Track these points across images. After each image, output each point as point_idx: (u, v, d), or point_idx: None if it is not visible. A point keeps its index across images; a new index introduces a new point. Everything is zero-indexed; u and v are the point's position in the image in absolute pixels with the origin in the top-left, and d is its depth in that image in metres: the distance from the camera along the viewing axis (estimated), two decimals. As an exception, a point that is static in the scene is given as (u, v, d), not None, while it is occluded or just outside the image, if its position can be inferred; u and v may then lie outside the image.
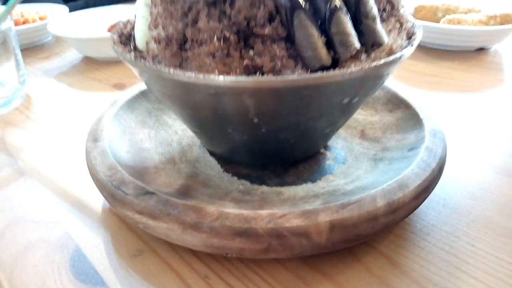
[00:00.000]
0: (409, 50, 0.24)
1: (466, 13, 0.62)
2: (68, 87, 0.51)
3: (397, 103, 0.35)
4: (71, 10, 0.73)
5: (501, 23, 0.57)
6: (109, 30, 0.63)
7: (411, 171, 0.25)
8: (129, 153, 0.31)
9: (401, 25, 0.26)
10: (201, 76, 0.21)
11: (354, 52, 0.22)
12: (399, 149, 0.30)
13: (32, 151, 0.37)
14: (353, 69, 0.21)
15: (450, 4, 0.65)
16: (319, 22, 0.22)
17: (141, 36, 0.27)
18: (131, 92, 0.37)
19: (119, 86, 0.51)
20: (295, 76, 0.21)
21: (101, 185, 0.26)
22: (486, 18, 0.56)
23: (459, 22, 0.55)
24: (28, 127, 0.41)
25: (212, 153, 0.32)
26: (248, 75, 0.22)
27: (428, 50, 0.57)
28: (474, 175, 0.31)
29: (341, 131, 0.34)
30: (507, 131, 0.37)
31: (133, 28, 0.28)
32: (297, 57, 0.22)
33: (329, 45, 0.22)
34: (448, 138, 0.30)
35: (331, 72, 0.21)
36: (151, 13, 0.25)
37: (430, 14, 0.65)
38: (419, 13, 0.66)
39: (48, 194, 0.31)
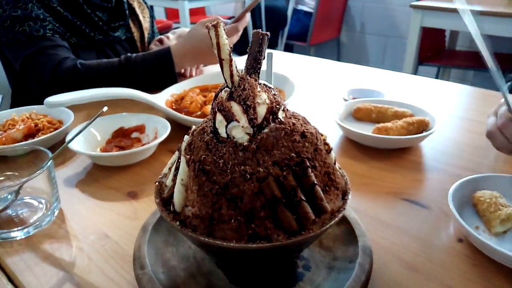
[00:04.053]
0: (341, 213, 0.40)
1: (393, 115, 0.82)
2: (91, 198, 0.64)
3: (342, 218, 0.51)
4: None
5: (418, 127, 0.77)
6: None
7: (350, 284, 0.41)
8: (164, 273, 0.45)
9: (338, 188, 0.43)
10: (225, 243, 0.36)
11: (311, 221, 0.38)
12: (343, 260, 0.46)
13: (83, 265, 0.50)
14: (313, 233, 0.37)
15: (382, 106, 0.85)
16: (291, 205, 0.38)
17: (179, 202, 0.41)
18: (155, 216, 0.52)
19: (133, 195, 0.64)
20: (277, 243, 0.37)
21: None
22: (407, 124, 0.76)
23: (386, 130, 0.74)
24: (72, 242, 0.54)
25: (218, 265, 0.47)
26: (251, 240, 0.37)
27: (364, 149, 0.76)
28: (394, 273, 0.48)
29: (306, 242, 0.50)
30: (419, 230, 0.55)
31: (169, 193, 0.43)
32: (280, 227, 0.38)
33: (297, 218, 0.38)
34: (375, 242, 0.46)
35: (301, 237, 0.37)
36: (187, 196, 0.40)
37: (366, 115, 0.85)
38: (357, 113, 0.86)
39: (107, 306, 0.44)
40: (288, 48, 3.71)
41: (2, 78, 1.26)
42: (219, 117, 0.40)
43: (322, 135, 0.44)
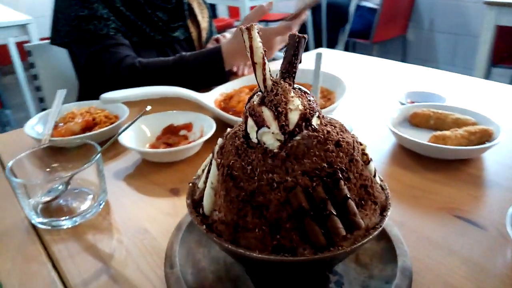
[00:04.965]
0: (377, 230, 0.37)
1: (453, 122, 0.75)
2: (136, 192, 0.66)
3: (381, 234, 0.48)
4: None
5: (481, 137, 0.70)
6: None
7: (382, 307, 0.38)
8: (192, 274, 0.45)
9: (376, 203, 0.40)
10: (247, 252, 0.35)
11: (342, 237, 0.36)
12: (379, 279, 0.43)
13: (120, 258, 0.52)
14: (342, 250, 0.35)
15: (442, 112, 0.78)
16: (319, 216, 0.36)
17: (208, 205, 0.41)
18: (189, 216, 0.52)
19: (175, 192, 0.66)
20: (301, 257, 0.35)
21: (179, 306, 0.40)
22: (468, 134, 0.69)
23: (443, 139, 0.68)
24: (113, 234, 0.57)
25: (247, 272, 0.46)
26: (276, 251, 0.36)
27: (418, 158, 0.70)
28: (436, 295, 0.44)
29: (341, 256, 0.47)
30: (471, 252, 0.50)
31: (200, 195, 0.43)
32: (306, 240, 0.36)
33: (326, 232, 0.36)
34: (419, 261, 0.43)
35: (328, 253, 0.35)
36: (215, 201, 0.39)
37: (423, 121, 0.79)
38: (414, 119, 0.80)
39: (137, 301, 0.45)
40: (350, 46, 3.60)
41: (70, 72, 1.35)
42: (250, 122, 0.38)
43: (361, 145, 0.41)
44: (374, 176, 0.42)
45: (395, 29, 3.40)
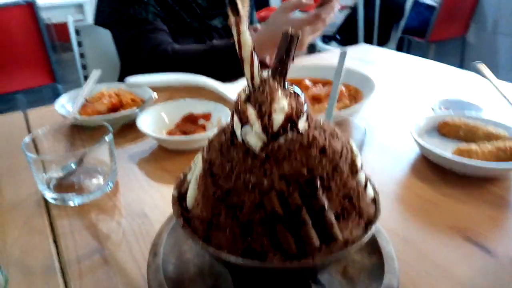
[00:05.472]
0: (356, 245, 0.35)
1: (484, 136, 0.70)
2: (146, 177, 0.68)
3: (374, 249, 0.45)
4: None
5: (511, 155, 0.64)
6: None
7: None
8: (174, 265, 0.45)
9: (362, 216, 0.38)
10: (216, 252, 0.35)
11: (315, 248, 0.34)
12: (362, 295, 0.41)
13: (116, 240, 0.53)
14: (307, 261, 0.33)
15: (474, 124, 0.73)
16: (293, 225, 0.34)
17: (190, 199, 0.41)
18: (185, 206, 0.52)
19: (181, 180, 0.66)
20: (268, 264, 0.34)
21: (153, 295, 0.41)
22: (496, 149, 0.64)
23: (468, 153, 0.63)
24: (115, 215, 0.58)
25: (229, 270, 0.45)
26: (246, 254, 0.35)
27: (440, 171, 0.65)
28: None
29: (329, 265, 0.45)
30: (473, 279, 0.46)
31: (186, 187, 0.43)
32: (278, 247, 0.35)
33: (299, 240, 0.34)
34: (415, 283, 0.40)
35: (298, 263, 0.33)
36: (196, 196, 0.39)
37: (452, 131, 0.74)
38: (443, 129, 0.75)
39: (126, 283, 0.46)
40: (403, 43, 3.44)
41: (114, 52, 1.40)
42: (235, 118, 0.37)
43: (353, 153, 0.39)
44: (365, 187, 0.39)
45: (455, 29, 3.19)
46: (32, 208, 0.60)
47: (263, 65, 1.20)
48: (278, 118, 0.36)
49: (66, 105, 0.86)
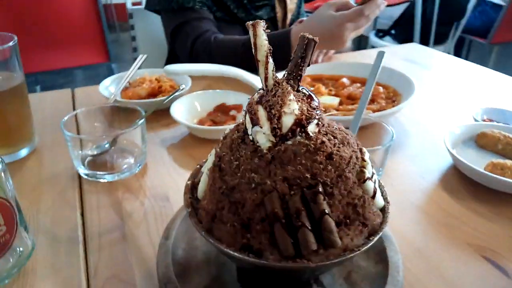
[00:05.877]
0: (354, 253, 0.35)
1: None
2: (173, 162, 0.71)
3: (382, 258, 0.45)
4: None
5: (552, 174, 0.59)
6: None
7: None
8: (184, 250, 0.47)
9: (365, 225, 0.37)
10: (218, 244, 0.36)
11: (311, 251, 0.35)
12: (359, 303, 0.41)
13: (137, 219, 0.56)
14: (307, 264, 0.34)
15: (514, 138, 0.68)
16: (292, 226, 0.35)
17: (201, 190, 0.43)
18: (202, 195, 0.54)
19: (205, 169, 0.68)
20: (262, 261, 0.35)
21: (158, 276, 0.43)
22: (534, 168, 0.60)
23: (502, 169, 0.60)
24: (139, 196, 0.62)
25: (238, 261, 0.47)
26: (244, 249, 0.36)
27: (471, 185, 0.63)
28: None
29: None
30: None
31: (199, 178, 0.45)
32: (275, 246, 0.35)
33: (297, 243, 0.35)
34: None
35: (293, 264, 0.34)
36: (205, 188, 0.41)
37: (491, 144, 0.70)
38: (481, 140, 0.71)
39: (139, 260, 0.49)
40: (463, 43, 3.24)
41: (163, 37, 1.44)
42: (247, 118, 0.38)
43: (364, 161, 0.39)
44: (374, 196, 0.39)
45: (522, 31, 2.95)
46: (67, 181, 0.65)
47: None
48: (287, 121, 0.36)
49: (110, 87, 0.91)
